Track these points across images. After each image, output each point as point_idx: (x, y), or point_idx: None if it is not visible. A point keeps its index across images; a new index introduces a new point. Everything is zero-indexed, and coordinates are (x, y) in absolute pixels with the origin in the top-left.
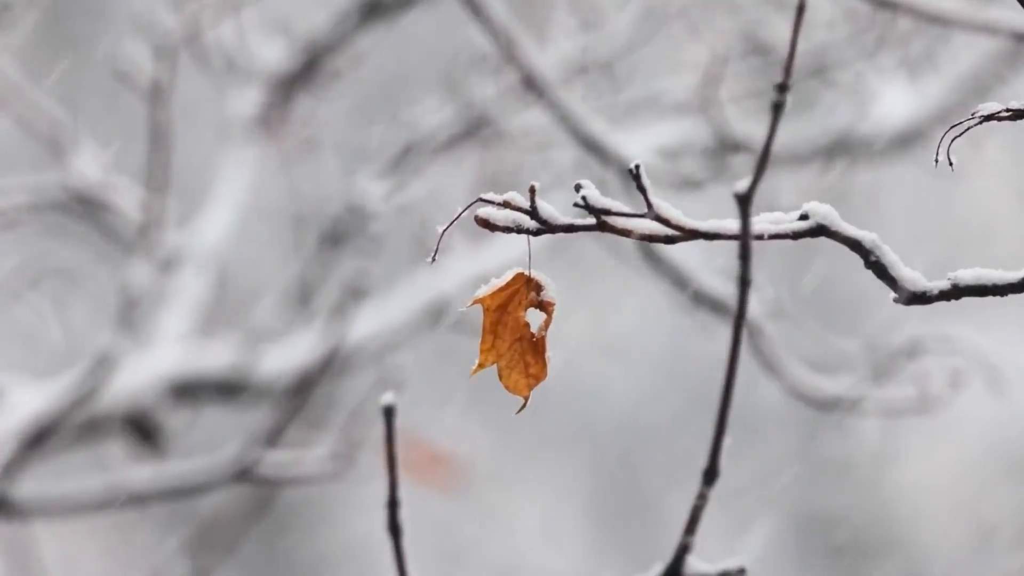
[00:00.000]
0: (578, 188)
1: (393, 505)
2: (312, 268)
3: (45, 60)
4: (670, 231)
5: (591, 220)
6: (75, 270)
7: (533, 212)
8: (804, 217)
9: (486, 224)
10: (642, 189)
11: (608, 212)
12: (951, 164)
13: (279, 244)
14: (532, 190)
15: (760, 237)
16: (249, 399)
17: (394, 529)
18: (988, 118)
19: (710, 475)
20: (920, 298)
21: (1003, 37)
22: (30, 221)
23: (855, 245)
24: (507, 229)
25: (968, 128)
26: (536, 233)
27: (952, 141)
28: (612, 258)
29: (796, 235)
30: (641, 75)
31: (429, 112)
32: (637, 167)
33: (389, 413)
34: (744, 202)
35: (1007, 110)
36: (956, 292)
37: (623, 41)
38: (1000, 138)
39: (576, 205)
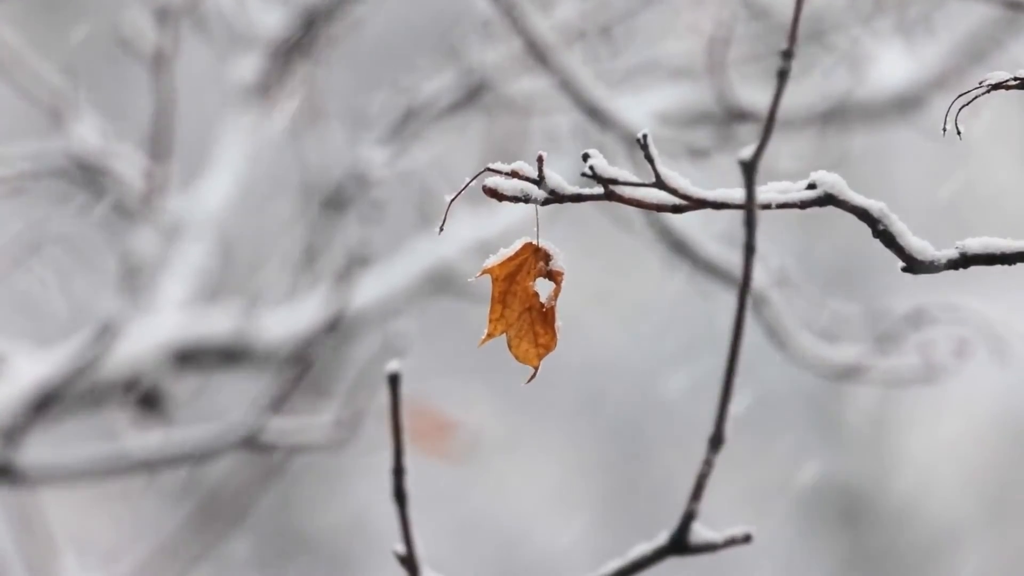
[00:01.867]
0: (586, 157)
1: (398, 472)
2: (314, 235)
3: (46, 27)
4: (678, 200)
5: (599, 189)
6: (77, 237)
7: (541, 181)
8: (812, 186)
9: (494, 194)
10: (650, 158)
11: (616, 181)
12: (959, 132)
13: (281, 211)
14: (540, 159)
15: (768, 206)
16: (252, 366)
17: (399, 497)
18: (996, 86)
19: (716, 442)
20: (928, 267)
21: (998, 4)
22: (32, 189)
23: (863, 214)
24: (515, 199)
25: (976, 97)
26: (544, 203)
27: (960, 110)
28: (615, 225)
29: (803, 204)
30: (641, 40)
31: (430, 78)
32: (645, 136)
33: (394, 381)
34: (749, 170)
35: (1015, 79)
36: (964, 261)
37: (623, 5)
38: (1000, 103)
39: (584, 175)
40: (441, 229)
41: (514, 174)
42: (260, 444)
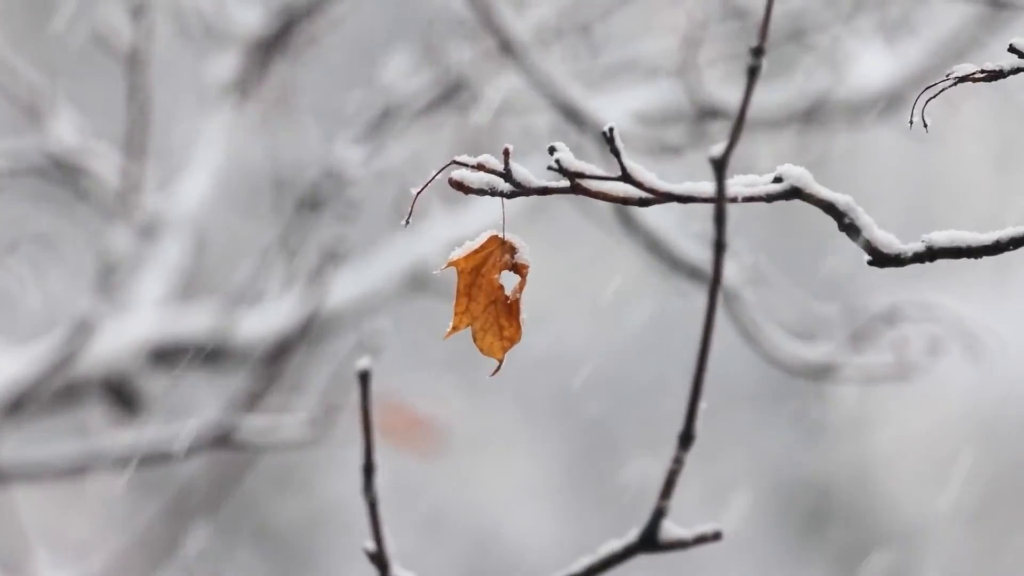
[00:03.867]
0: (552, 151)
1: (369, 470)
2: (290, 233)
3: (24, 24)
4: (644, 194)
5: (565, 183)
6: (54, 235)
7: (507, 175)
8: (778, 180)
9: (460, 187)
10: (616, 152)
11: (582, 175)
12: (926, 126)
13: (258, 209)
14: (506, 153)
15: (734, 200)
16: (227, 364)
17: (370, 494)
18: (963, 79)
19: (686, 439)
20: (894, 260)
21: (979, 2)
22: (8, 186)
23: (829, 207)
24: (481, 192)
25: (943, 90)
26: (510, 196)
27: (927, 103)
28: (588, 222)
29: (770, 198)
30: (618, 39)
31: (406, 77)
32: (611, 130)
33: (365, 378)
34: (719, 166)
35: (981, 71)
36: (930, 254)
37: (600, 4)
38: (976, 100)
39: (550, 168)
40: (407, 223)
41: (480, 167)
42: (234, 442)
